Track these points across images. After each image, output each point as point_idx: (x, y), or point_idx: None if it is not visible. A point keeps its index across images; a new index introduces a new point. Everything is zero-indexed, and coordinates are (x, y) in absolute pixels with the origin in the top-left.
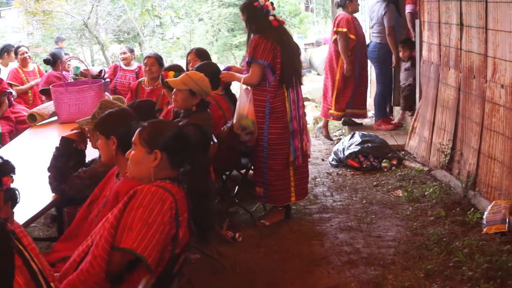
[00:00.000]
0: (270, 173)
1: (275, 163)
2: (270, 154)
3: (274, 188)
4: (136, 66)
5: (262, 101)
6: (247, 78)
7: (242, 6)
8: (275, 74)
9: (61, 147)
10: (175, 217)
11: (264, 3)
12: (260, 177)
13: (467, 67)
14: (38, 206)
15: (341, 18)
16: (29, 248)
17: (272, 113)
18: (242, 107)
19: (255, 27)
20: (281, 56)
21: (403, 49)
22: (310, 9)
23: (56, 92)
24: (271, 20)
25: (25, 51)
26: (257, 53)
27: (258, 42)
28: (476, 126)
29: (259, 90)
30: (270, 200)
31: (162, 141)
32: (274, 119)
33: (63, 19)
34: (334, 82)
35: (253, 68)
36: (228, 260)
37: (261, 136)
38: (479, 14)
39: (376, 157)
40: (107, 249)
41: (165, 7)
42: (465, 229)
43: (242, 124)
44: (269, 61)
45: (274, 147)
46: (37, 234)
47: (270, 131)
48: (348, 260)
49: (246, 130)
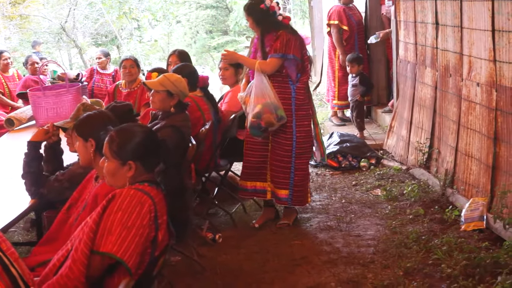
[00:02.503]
0: (298, 173)
1: (302, 162)
2: (299, 153)
3: (300, 189)
4: (113, 70)
5: (287, 99)
6: (263, 63)
7: (248, 6)
8: (300, 71)
9: (30, 152)
10: (154, 220)
11: (270, 4)
12: (286, 178)
13: (443, 65)
14: (16, 211)
15: (332, 11)
16: (8, 253)
17: (298, 110)
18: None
19: (265, 26)
20: (307, 54)
21: (351, 64)
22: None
23: (33, 96)
24: (282, 19)
25: (8, 56)
26: (289, 49)
27: (289, 38)
28: (453, 124)
29: (283, 88)
30: (296, 202)
31: (132, 150)
32: (301, 117)
33: (40, 23)
34: (334, 73)
35: (272, 59)
36: (208, 262)
37: (290, 135)
38: (454, 13)
39: (354, 156)
40: (87, 253)
41: (143, 9)
42: (443, 226)
43: (279, 115)
44: (300, 58)
45: (302, 145)
46: (16, 238)
47: (298, 129)
48: (328, 259)
49: (282, 121)
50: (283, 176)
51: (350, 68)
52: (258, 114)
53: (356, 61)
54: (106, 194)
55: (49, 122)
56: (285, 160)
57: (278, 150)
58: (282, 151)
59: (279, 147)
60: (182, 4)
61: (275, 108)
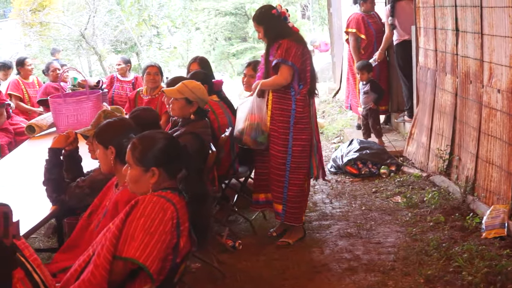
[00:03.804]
0: (292, 188)
1: (298, 178)
2: (294, 168)
3: (294, 205)
4: (133, 77)
5: (286, 110)
6: (277, 79)
7: (258, 15)
8: (301, 82)
9: (50, 159)
10: (176, 227)
11: (281, 10)
12: (280, 193)
13: (464, 72)
14: (38, 217)
15: (351, 18)
16: (31, 259)
17: (297, 123)
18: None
19: (275, 34)
20: (310, 64)
21: (361, 72)
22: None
23: (54, 103)
24: (292, 26)
25: (31, 63)
26: (288, 55)
27: (290, 45)
28: (474, 131)
29: (283, 99)
30: (288, 219)
31: (155, 157)
32: (299, 130)
33: (60, 30)
34: (355, 80)
35: (283, 69)
36: (228, 269)
37: (285, 148)
38: (475, 20)
39: (374, 163)
40: (109, 259)
41: (162, 16)
42: (464, 234)
43: (258, 141)
44: (298, 67)
45: (298, 160)
46: (37, 245)
47: (295, 143)
48: (348, 266)
49: (260, 146)
50: (277, 190)
51: (360, 76)
52: (243, 130)
53: (365, 68)
54: (126, 201)
55: (69, 129)
56: (279, 174)
57: (273, 162)
58: (276, 164)
59: (274, 160)
60: (201, 11)
61: (256, 134)
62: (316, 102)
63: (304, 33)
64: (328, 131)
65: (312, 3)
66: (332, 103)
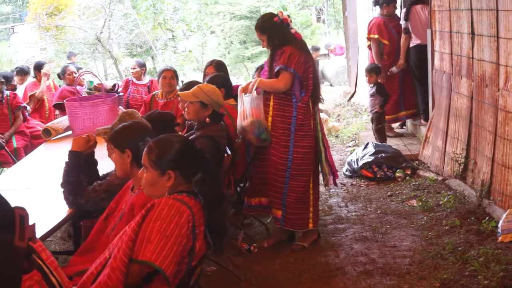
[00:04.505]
0: (291, 195)
1: (298, 185)
2: (294, 175)
3: (293, 211)
4: (148, 80)
5: (287, 117)
6: (276, 82)
7: (261, 24)
8: (303, 89)
9: (70, 161)
10: (192, 230)
11: (283, 17)
12: (279, 199)
13: (479, 75)
14: (54, 220)
15: (372, 23)
16: (48, 261)
17: (298, 130)
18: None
19: (278, 41)
20: (313, 72)
21: (369, 74)
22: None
23: (70, 107)
24: (294, 32)
25: (48, 69)
26: (291, 62)
27: (293, 52)
28: (490, 134)
29: (284, 105)
30: (288, 225)
31: (171, 160)
32: (300, 137)
33: (76, 34)
34: None
35: (284, 75)
36: (243, 272)
37: (285, 155)
38: (490, 23)
39: (390, 167)
40: (125, 262)
41: (177, 20)
42: (480, 238)
43: (262, 138)
44: (300, 74)
45: (299, 167)
46: (53, 248)
47: (296, 149)
48: (363, 270)
49: (265, 143)
50: (276, 195)
51: (368, 78)
52: (246, 128)
53: (374, 70)
54: (142, 204)
55: (89, 132)
56: (279, 180)
57: (272, 168)
58: (276, 170)
59: (273, 165)
60: (216, 14)
61: (260, 131)
62: (331, 106)
63: (318, 36)
64: (343, 135)
65: (327, 6)
66: (347, 106)
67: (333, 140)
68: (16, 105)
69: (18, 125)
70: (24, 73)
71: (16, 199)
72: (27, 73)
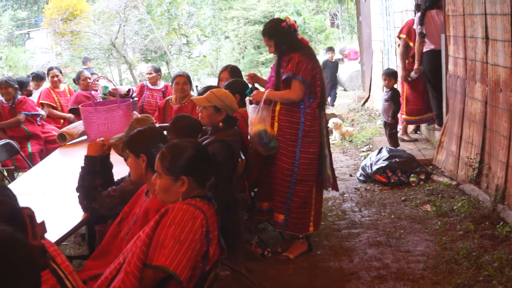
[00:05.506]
0: (295, 200)
1: (302, 190)
2: (299, 180)
3: (296, 216)
4: (163, 85)
5: (295, 123)
6: (289, 93)
7: (268, 29)
8: (311, 95)
9: (86, 166)
10: (206, 235)
11: (290, 22)
12: (283, 203)
13: (494, 80)
14: (69, 225)
15: (405, 24)
16: (63, 266)
17: (305, 136)
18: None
19: (286, 47)
20: (320, 78)
21: (388, 78)
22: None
23: (85, 112)
24: (301, 38)
25: (56, 74)
26: (299, 70)
27: (301, 59)
28: (504, 139)
29: (292, 111)
30: (290, 229)
31: (184, 166)
32: (307, 143)
33: (91, 39)
34: (402, 87)
35: (295, 84)
36: (257, 276)
37: (292, 160)
38: (505, 28)
39: (404, 172)
40: (139, 267)
41: (192, 25)
42: (494, 243)
43: (270, 147)
44: (308, 81)
45: (304, 172)
46: (68, 252)
47: (302, 155)
48: (377, 275)
49: (273, 151)
50: (280, 200)
51: (387, 82)
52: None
53: (392, 75)
54: (157, 209)
55: (103, 137)
56: (284, 185)
57: (278, 173)
58: (282, 175)
59: (280, 171)
60: (231, 20)
61: (266, 140)
62: (345, 110)
63: (332, 41)
64: (357, 140)
65: (341, 11)
66: (361, 111)
67: (347, 145)
68: (20, 110)
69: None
70: (39, 78)
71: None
72: (43, 78)
